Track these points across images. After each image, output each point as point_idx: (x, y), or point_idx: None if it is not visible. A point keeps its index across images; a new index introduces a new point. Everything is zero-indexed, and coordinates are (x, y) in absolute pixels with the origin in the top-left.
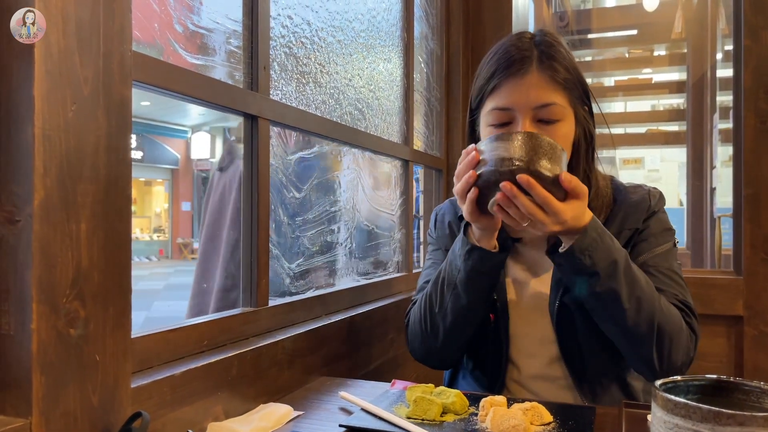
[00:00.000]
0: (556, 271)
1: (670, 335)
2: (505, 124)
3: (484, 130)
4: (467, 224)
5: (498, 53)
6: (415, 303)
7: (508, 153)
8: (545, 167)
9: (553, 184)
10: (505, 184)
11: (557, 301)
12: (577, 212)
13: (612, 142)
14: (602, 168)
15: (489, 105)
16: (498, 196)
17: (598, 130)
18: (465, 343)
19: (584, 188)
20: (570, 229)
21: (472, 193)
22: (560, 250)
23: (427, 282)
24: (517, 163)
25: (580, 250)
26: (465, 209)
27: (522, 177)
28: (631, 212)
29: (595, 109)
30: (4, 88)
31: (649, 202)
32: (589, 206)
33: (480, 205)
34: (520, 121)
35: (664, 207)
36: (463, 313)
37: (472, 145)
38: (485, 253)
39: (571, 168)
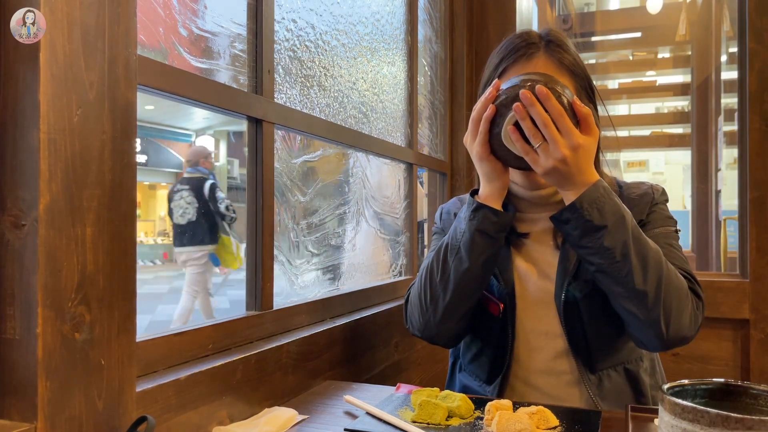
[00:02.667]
0: (561, 263)
1: (677, 297)
2: None
3: None
4: (474, 191)
5: (506, 43)
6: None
7: (527, 75)
8: (561, 89)
9: (568, 107)
10: (524, 92)
11: (563, 293)
12: (587, 145)
13: (617, 144)
14: (609, 170)
15: None
16: (514, 107)
17: (603, 132)
18: (463, 318)
19: (596, 128)
20: (578, 173)
21: (489, 110)
22: (567, 202)
23: None
24: (534, 80)
25: (589, 201)
26: (478, 139)
27: (541, 88)
28: (635, 205)
29: (601, 111)
30: (10, 93)
31: (652, 195)
32: None
33: (493, 141)
34: None
35: (667, 203)
36: (464, 280)
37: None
38: (491, 210)
39: None
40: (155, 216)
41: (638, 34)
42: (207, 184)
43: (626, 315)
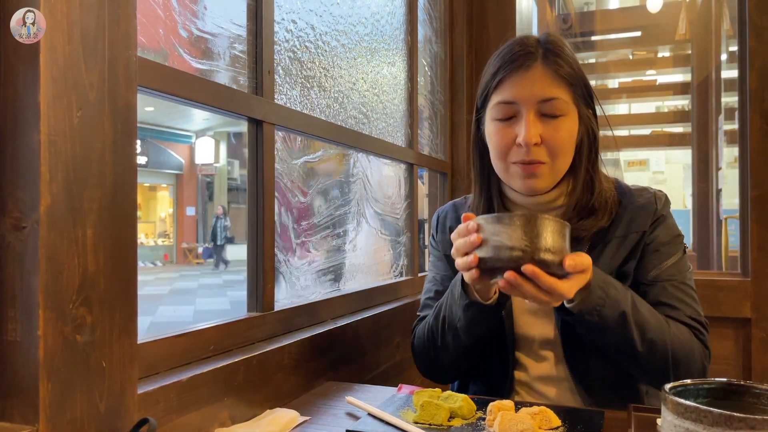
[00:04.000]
0: None
1: (685, 361)
2: (509, 118)
3: (489, 125)
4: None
5: (503, 51)
6: (419, 321)
7: (510, 241)
8: (549, 254)
9: (558, 267)
10: (509, 275)
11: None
12: (581, 283)
13: (615, 143)
14: (605, 170)
15: (494, 99)
16: (500, 283)
17: (602, 132)
18: (470, 362)
19: (588, 262)
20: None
21: (474, 273)
22: (566, 305)
23: (430, 298)
24: (520, 252)
25: (588, 311)
26: (466, 277)
27: (527, 268)
28: (637, 215)
29: (598, 111)
30: (10, 94)
31: (655, 205)
32: (592, 208)
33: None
34: (525, 114)
35: (670, 210)
36: (465, 351)
37: (472, 223)
38: (484, 307)
39: (574, 168)
40: (155, 218)
41: (638, 33)
42: None
43: (635, 375)
